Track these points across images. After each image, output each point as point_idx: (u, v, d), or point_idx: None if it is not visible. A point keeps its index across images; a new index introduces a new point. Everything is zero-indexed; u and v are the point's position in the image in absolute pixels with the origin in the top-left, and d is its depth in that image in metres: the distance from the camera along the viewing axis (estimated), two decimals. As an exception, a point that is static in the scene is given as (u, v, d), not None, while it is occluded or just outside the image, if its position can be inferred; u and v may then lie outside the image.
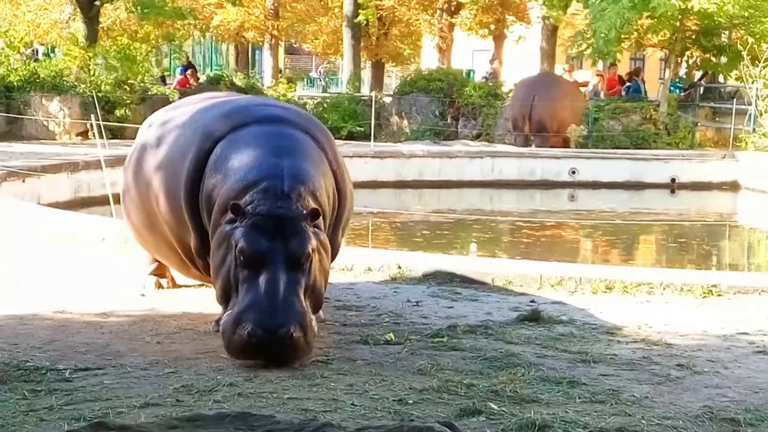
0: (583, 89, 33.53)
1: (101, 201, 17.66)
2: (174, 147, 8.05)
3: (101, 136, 19.66)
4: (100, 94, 27.06)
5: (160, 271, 9.42)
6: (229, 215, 6.97)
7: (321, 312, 7.79)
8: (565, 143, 28.14)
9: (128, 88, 29.06)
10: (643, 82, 32.39)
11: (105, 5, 31.80)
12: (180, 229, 7.83)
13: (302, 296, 6.74)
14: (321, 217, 7.15)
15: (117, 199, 16.83)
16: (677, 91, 31.63)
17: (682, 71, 34.41)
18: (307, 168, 7.30)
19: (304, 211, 6.91)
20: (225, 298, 7.04)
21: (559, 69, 36.09)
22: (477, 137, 29.39)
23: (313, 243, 6.90)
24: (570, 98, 28.94)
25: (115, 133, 25.74)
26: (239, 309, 6.63)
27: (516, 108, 27.99)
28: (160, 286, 9.33)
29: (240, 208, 6.85)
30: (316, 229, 7.02)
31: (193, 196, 7.59)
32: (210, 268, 7.49)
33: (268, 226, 6.79)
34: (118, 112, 27.76)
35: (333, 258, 7.94)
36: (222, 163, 7.44)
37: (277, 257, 6.72)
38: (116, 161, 20.10)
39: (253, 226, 6.80)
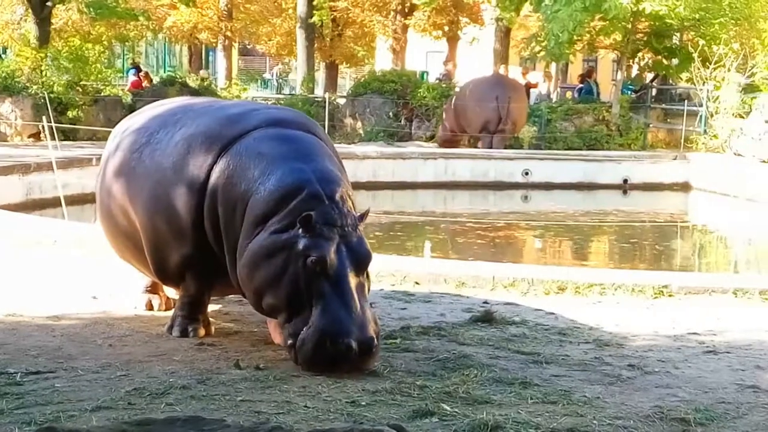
0: (534, 91, 33.74)
1: (53, 203, 17.56)
2: (161, 155, 7.75)
3: (53, 138, 19.55)
4: (52, 96, 26.85)
5: (152, 289, 8.94)
6: (274, 225, 6.86)
7: None
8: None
9: (81, 90, 28.85)
10: (596, 83, 32.55)
11: (57, 6, 31.56)
12: (164, 238, 7.65)
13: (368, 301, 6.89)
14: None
15: (69, 200, 16.86)
16: (629, 92, 31.83)
17: (634, 73, 34.63)
18: (332, 169, 7.24)
19: (359, 215, 6.97)
20: (290, 309, 6.83)
21: (514, 70, 36.25)
22: (431, 138, 29.42)
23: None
24: (525, 99, 29.27)
25: (67, 135, 25.59)
26: (329, 323, 6.60)
27: (489, 109, 27.87)
28: (151, 307, 8.82)
29: (311, 219, 6.70)
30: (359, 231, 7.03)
31: (196, 208, 7.40)
32: (184, 278, 7.58)
33: (334, 234, 6.75)
34: (70, 114, 27.55)
35: None
36: (241, 176, 7.23)
37: (348, 266, 6.74)
38: (68, 163, 20.07)
39: (320, 235, 6.72)
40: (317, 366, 6.59)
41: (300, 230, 6.73)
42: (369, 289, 7.15)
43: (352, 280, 6.73)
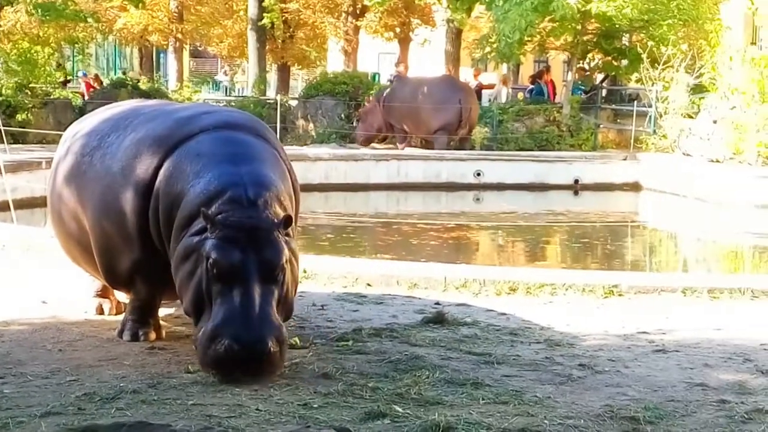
0: (489, 92, 33.86)
1: (2, 207, 17.37)
2: (111, 159, 7.69)
3: (2, 141, 19.39)
4: (0, 98, 26.63)
5: (102, 294, 8.84)
6: (194, 227, 6.81)
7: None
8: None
9: (30, 92, 28.63)
10: (546, 84, 32.70)
11: (5, 8, 31.29)
12: (113, 243, 7.59)
13: (276, 309, 6.62)
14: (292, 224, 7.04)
15: (18, 204, 16.72)
16: (579, 93, 32.03)
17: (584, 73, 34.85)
18: (267, 173, 7.15)
19: (276, 221, 6.78)
20: (196, 312, 6.80)
21: (465, 71, 36.35)
22: (383, 140, 29.43)
23: (287, 253, 6.77)
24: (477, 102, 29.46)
25: (16, 138, 25.34)
26: (215, 323, 6.48)
27: (452, 111, 27.91)
28: (101, 311, 8.73)
29: (211, 216, 6.67)
30: (287, 238, 6.88)
31: (142, 212, 7.34)
32: (134, 283, 7.54)
33: (240, 237, 6.62)
34: (19, 117, 27.34)
35: None
36: (178, 177, 7.18)
37: (251, 270, 6.57)
38: (17, 166, 19.91)
39: (224, 238, 6.63)
40: (207, 368, 6.52)
41: (209, 233, 6.71)
42: (286, 298, 6.91)
43: (253, 285, 6.56)
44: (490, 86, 35.04)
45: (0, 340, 7.65)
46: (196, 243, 6.78)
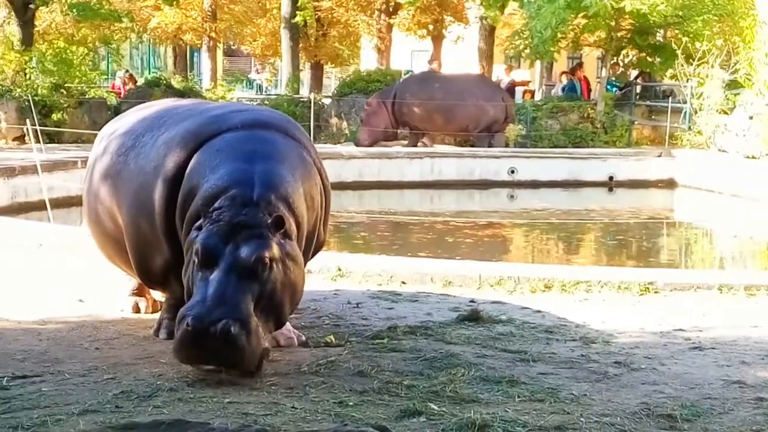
0: (521, 89, 33.83)
1: (38, 206, 17.51)
2: (145, 158, 7.76)
3: (38, 141, 19.50)
4: (36, 98, 26.80)
5: (138, 292, 8.92)
6: (198, 223, 6.84)
7: (294, 335, 7.67)
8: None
9: (65, 92, 28.79)
10: (580, 81, 32.58)
11: (40, 8, 31.47)
12: (147, 242, 7.63)
13: (250, 302, 6.50)
14: (292, 225, 6.95)
15: (54, 203, 16.83)
16: (614, 90, 31.91)
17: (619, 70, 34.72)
18: (281, 173, 7.11)
19: (268, 220, 6.72)
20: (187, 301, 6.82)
21: (498, 68, 36.30)
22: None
23: (274, 252, 6.65)
24: None
25: (52, 138, 25.50)
26: (184, 307, 6.51)
27: (498, 108, 28.05)
28: (137, 310, 8.81)
29: (207, 212, 6.72)
30: (283, 239, 6.79)
31: (168, 211, 7.37)
32: (168, 281, 7.54)
33: (225, 231, 6.62)
34: (55, 116, 27.51)
35: (317, 251, 8.00)
36: (195, 175, 7.22)
37: (228, 260, 6.55)
38: (53, 166, 20.03)
39: (211, 230, 6.65)
40: (176, 352, 6.46)
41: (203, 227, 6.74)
42: (288, 300, 6.87)
43: (227, 275, 6.50)
44: (524, 83, 34.98)
45: (38, 339, 7.70)
46: (191, 237, 6.84)
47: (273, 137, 7.52)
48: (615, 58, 32.69)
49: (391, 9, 37.69)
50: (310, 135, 26.50)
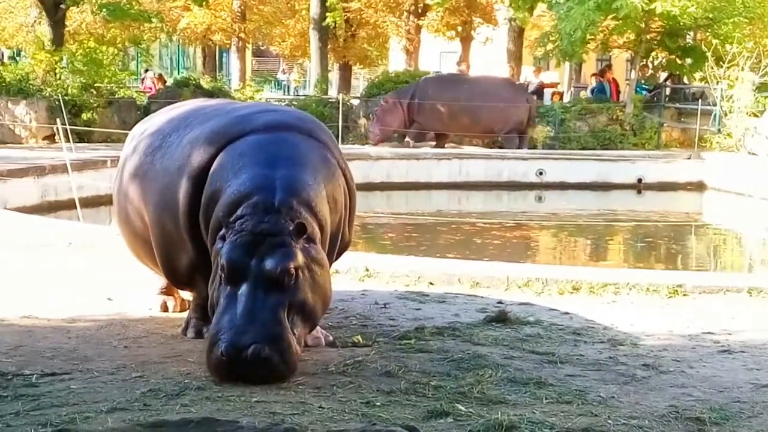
0: (549, 90, 33.78)
1: (68, 205, 17.60)
2: (170, 158, 7.78)
3: (68, 140, 19.61)
4: (66, 98, 26.94)
5: (167, 291, 8.97)
6: (222, 232, 6.81)
7: (321, 335, 7.67)
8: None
9: (95, 92, 28.94)
10: (609, 82, 32.49)
11: (70, 8, 31.64)
12: (172, 241, 7.65)
13: (282, 315, 6.48)
14: (315, 229, 6.92)
15: (83, 203, 16.90)
16: (643, 92, 31.81)
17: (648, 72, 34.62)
18: (303, 177, 7.08)
19: (290, 227, 6.69)
20: (211, 314, 6.82)
21: (527, 70, 36.25)
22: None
23: (299, 260, 6.62)
24: None
25: (81, 137, 25.65)
26: (214, 328, 6.49)
27: (522, 110, 28.19)
28: (166, 308, 8.86)
29: (229, 221, 6.70)
30: (307, 245, 6.76)
31: (192, 210, 7.37)
32: (195, 281, 7.56)
33: (249, 242, 6.59)
34: (84, 116, 27.65)
35: (343, 252, 7.98)
36: (218, 177, 7.21)
37: (254, 274, 6.52)
38: (83, 165, 20.14)
39: (234, 242, 6.62)
40: (213, 373, 6.43)
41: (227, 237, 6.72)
42: (319, 303, 6.86)
43: (256, 290, 6.48)
44: (552, 84, 34.93)
45: (67, 337, 7.74)
46: (217, 248, 6.81)
47: (295, 140, 7.49)
48: (644, 60, 32.60)
49: (419, 10, 37.71)
50: (338, 136, 26.72)
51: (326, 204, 7.22)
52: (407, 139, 28.62)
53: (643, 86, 32.31)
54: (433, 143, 28.77)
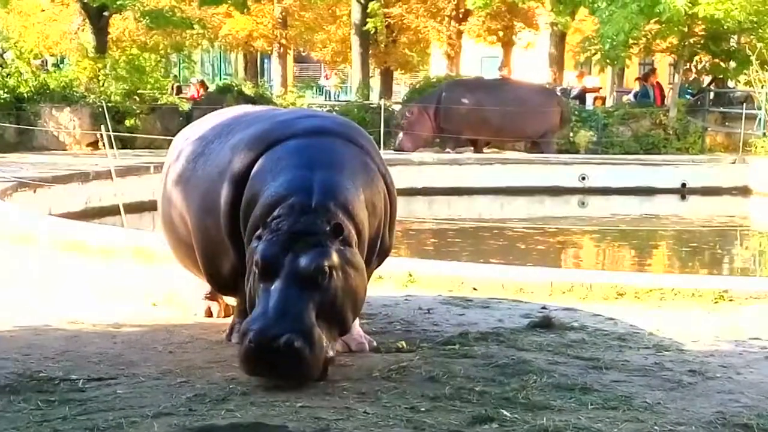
0: (591, 95, 33.68)
1: (112, 211, 17.71)
2: (212, 164, 7.83)
3: (111, 147, 19.73)
4: (109, 105, 27.11)
5: (211, 296, 8.96)
6: (259, 232, 6.83)
7: (365, 340, 7.68)
8: None
9: (138, 99, 29.12)
10: (653, 86, 32.31)
11: (114, 15, 31.86)
12: (214, 246, 7.68)
13: (312, 312, 6.46)
14: (352, 232, 6.89)
15: (127, 209, 17.00)
16: (687, 96, 31.63)
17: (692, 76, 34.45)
18: (341, 181, 7.08)
19: (327, 227, 6.70)
20: (250, 311, 6.80)
21: (569, 75, 36.15)
22: (487, 144, 29.40)
23: (334, 260, 6.60)
24: None
25: (125, 143, 25.81)
26: (247, 320, 6.53)
27: (555, 114, 28.27)
28: (210, 314, 8.88)
29: (267, 225, 6.70)
30: (342, 247, 6.73)
31: (233, 214, 7.40)
32: (238, 286, 7.49)
33: (284, 240, 6.59)
34: (128, 122, 27.80)
35: (383, 258, 7.95)
36: (257, 181, 7.25)
37: (286, 270, 6.52)
38: (126, 171, 20.28)
39: (270, 240, 6.64)
40: (242, 365, 6.45)
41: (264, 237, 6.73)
42: (352, 307, 6.82)
43: (288, 286, 6.47)
44: (595, 89, 34.82)
45: (112, 342, 7.79)
46: (253, 247, 6.82)
47: (335, 144, 7.50)
48: (688, 64, 32.42)
49: (461, 15, 37.69)
50: (379, 141, 26.73)
51: (364, 208, 7.21)
52: (443, 147, 28.64)
53: (687, 90, 32.14)
54: (471, 148, 28.79)
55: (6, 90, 27.87)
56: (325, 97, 52.27)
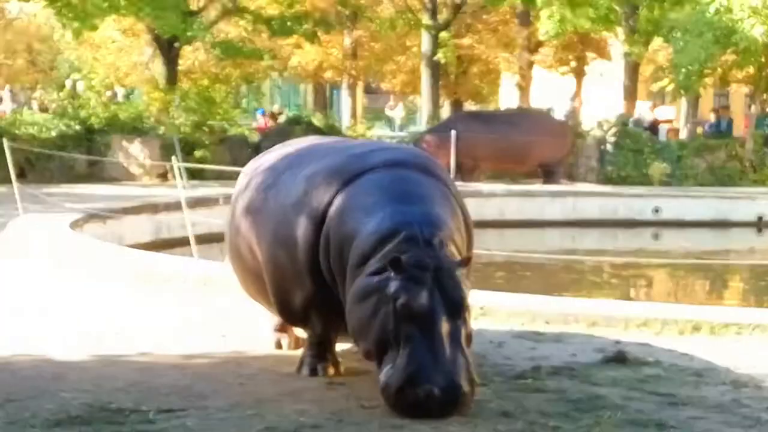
0: (664, 126, 33.45)
1: (182, 242, 17.78)
2: (285, 195, 7.78)
3: (181, 178, 19.85)
4: (179, 136, 27.34)
5: (281, 328, 8.90)
6: (371, 267, 6.74)
7: None
8: None
9: (207, 130, 29.33)
10: (729, 118, 32.01)
11: (184, 47, 32.18)
12: (287, 278, 7.64)
13: (465, 348, 6.55)
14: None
15: (196, 240, 17.06)
16: (764, 127, 31.24)
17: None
18: (438, 212, 7.09)
19: (458, 260, 6.74)
20: (379, 353, 6.68)
21: (643, 105, 35.89)
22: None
23: (468, 292, 6.72)
24: None
25: (194, 174, 25.98)
26: (411, 368, 6.40)
27: (554, 143, 28.53)
28: (280, 346, 8.84)
29: (400, 262, 6.56)
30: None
31: (313, 246, 7.37)
32: (309, 318, 7.56)
33: (425, 278, 6.54)
34: (197, 154, 28.01)
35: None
36: (349, 215, 7.20)
37: (440, 311, 6.49)
38: (196, 202, 20.39)
39: (411, 278, 6.53)
40: (399, 410, 6.41)
41: (391, 273, 6.60)
42: (470, 336, 6.79)
43: (443, 325, 6.46)
44: (667, 121, 34.57)
45: (182, 374, 7.77)
46: (377, 283, 6.67)
47: (417, 177, 7.47)
48: (765, 94, 32.05)
49: (532, 46, 37.61)
50: (450, 172, 26.65)
51: (459, 238, 7.23)
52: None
53: (764, 121, 31.77)
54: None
55: (77, 121, 28.22)
56: (391, 128, 52.38)
